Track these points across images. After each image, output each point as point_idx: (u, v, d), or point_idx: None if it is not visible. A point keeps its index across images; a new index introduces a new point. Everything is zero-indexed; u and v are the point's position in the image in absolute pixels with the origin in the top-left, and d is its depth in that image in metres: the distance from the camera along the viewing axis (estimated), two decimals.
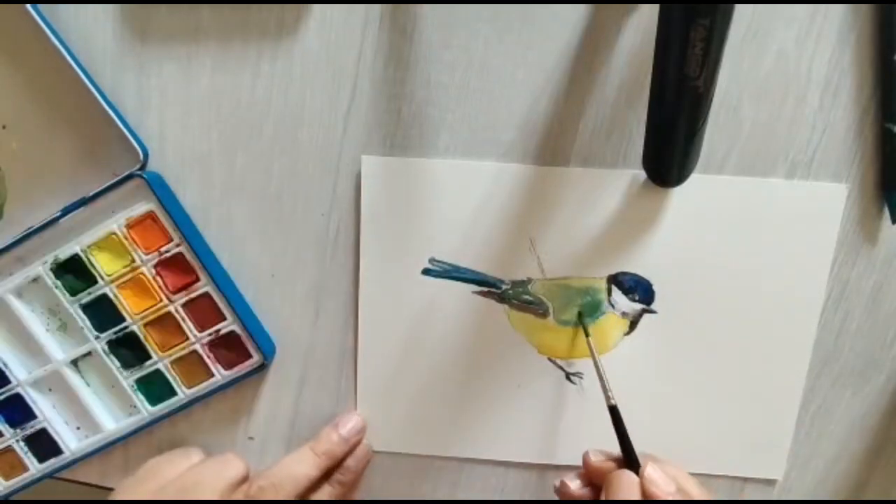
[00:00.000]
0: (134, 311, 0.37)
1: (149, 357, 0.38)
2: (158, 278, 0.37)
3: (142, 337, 0.38)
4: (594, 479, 0.35)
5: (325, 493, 0.37)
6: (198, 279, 0.37)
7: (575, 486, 0.36)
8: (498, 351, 0.38)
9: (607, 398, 0.34)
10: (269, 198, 0.37)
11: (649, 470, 0.33)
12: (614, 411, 0.34)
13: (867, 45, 0.33)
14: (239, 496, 0.36)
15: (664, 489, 0.32)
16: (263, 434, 0.40)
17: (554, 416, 0.38)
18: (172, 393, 0.38)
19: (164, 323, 0.38)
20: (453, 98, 0.35)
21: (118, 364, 0.38)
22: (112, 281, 0.37)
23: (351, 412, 0.39)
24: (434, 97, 0.35)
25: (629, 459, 0.34)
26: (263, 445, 0.40)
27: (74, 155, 0.37)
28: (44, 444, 0.39)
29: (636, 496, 0.32)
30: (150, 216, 0.36)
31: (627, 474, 0.33)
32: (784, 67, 0.34)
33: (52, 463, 0.40)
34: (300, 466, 0.36)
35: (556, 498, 0.39)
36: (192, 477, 0.36)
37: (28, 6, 0.34)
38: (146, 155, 0.36)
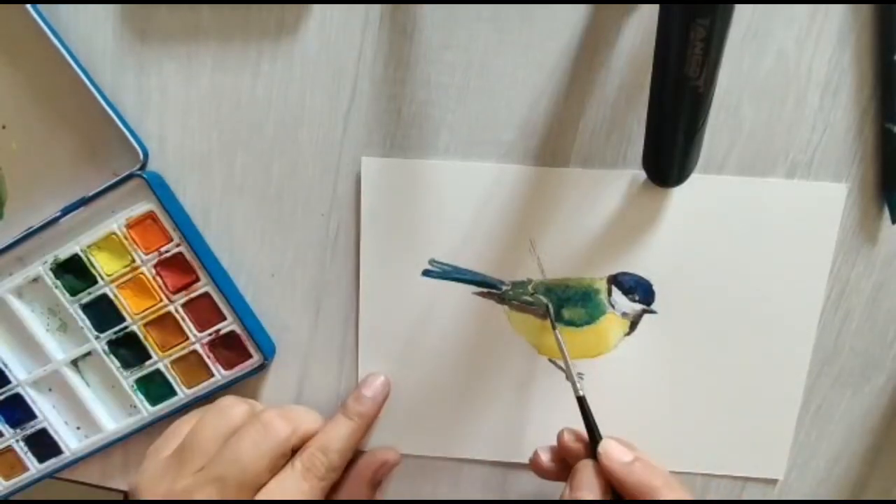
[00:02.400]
0: (134, 311, 0.37)
1: (149, 357, 0.38)
2: (158, 278, 0.37)
3: (142, 337, 0.38)
4: (565, 457, 0.35)
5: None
6: (198, 279, 0.37)
7: (545, 458, 0.36)
8: (498, 352, 0.38)
9: (575, 389, 0.34)
10: (269, 198, 0.37)
11: (604, 443, 0.33)
12: (582, 402, 0.34)
13: (867, 45, 0.33)
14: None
15: (620, 458, 0.32)
16: None
17: (554, 417, 0.38)
18: (172, 393, 0.38)
19: (164, 323, 0.38)
20: (453, 98, 0.35)
21: (118, 364, 0.38)
22: (112, 281, 0.37)
23: (374, 374, 0.38)
24: (434, 97, 0.35)
25: (595, 449, 0.34)
26: None
27: (74, 155, 0.37)
28: (44, 444, 0.39)
29: (595, 484, 0.32)
30: (150, 216, 0.36)
31: (589, 465, 0.33)
32: (784, 67, 0.34)
33: (52, 463, 0.40)
34: (341, 430, 0.36)
35: (555, 498, 0.39)
36: (231, 452, 0.34)
37: (28, 6, 0.34)
38: (146, 155, 0.36)
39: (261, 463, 0.33)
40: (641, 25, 0.34)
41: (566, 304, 0.37)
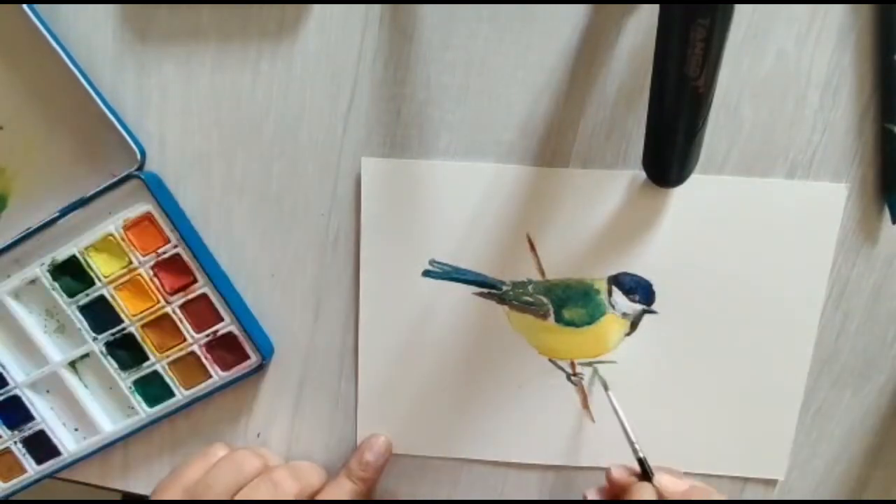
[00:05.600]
0: (131, 313, 0.37)
1: (146, 358, 0.38)
2: (156, 279, 0.37)
3: (139, 338, 0.38)
4: (616, 493, 0.36)
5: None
6: (195, 280, 0.37)
7: (596, 497, 0.37)
8: (498, 352, 0.38)
9: (635, 451, 0.35)
10: (268, 198, 0.37)
11: (658, 478, 0.34)
12: (642, 464, 0.35)
13: (867, 45, 0.33)
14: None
15: (676, 488, 0.34)
16: (263, 434, 0.40)
17: (554, 417, 0.38)
18: (170, 394, 0.38)
19: (162, 324, 0.37)
20: (453, 98, 0.35)
21: (116, 365, 0.38)
22: (110, 282, 0.37)
23: (375, 437, 0.39)
24: (434, 97, 0.35)
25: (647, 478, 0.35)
26: (263, 446, 0.40)
27: (72, 156, 0.37)
28: (42, 446, 0.39)
29: (654, 494, 0.34)
30: (148, 217, 0.36)
31: (645, 485, 0.34)
32: (784, 67, 0.34)
33: (51, 464, 0.39)
34: (345, 492, 0.37)
35: (554, 498, 0.39)
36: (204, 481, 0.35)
37: (24, 6, 0.34)
38: (143, 155, 0.36)
39: None
40: (641, 25, 0.34)
41: (566, 304, 0.37)
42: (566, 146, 0.35)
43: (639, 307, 0.36)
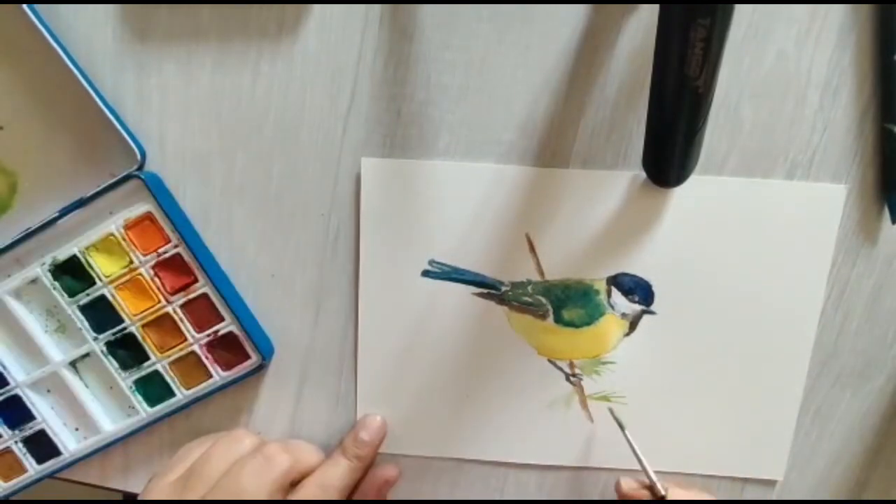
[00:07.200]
0: (132, 312, 0.37)
1: (147, 358, 0.38)
2: (157, 279, 0.37)
3: (140, 338, 0.38)
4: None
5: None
6: (196, 280, 0.37)
7: None
8: (498, 352, 0.38)
9: (655, 491, 0.35)
10: (268, 198, 0.37)
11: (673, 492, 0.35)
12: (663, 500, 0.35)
13: (867, 45, 0.33)
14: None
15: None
16: (263, 434, 0.40)
17: (554, 418, 0.38)
18: (171, 394, 0.38)
19: (163, 324, 0.38)
20: (453, 98, 0.35)
21: (116, 365, 0.38)
22: (110, 282, 0.37)
23: (371, 416, 0.39)
24: (434, 97, 0.35)
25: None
26: None
27: (72, 155, 0.37)
28: (42, 446, 0.39)
29: None
30: (148, 217, 0.36)
31: None
32: (784, 67, 0.34)
33: (51, 464, 0.40)
34: (340, 469, 0.37)
35: (554, 498, 0.39)
36: (233, 483, 0.34)
37: (24, 6, 0.34)
38: (143, 155, 0.36)
39: (259, 493, 0.34)
40: (641, 25, 0.34)
41: (565, 304, 0.37)
42: (566, 146, 0.35)
43: (638, 308, 0.36)
